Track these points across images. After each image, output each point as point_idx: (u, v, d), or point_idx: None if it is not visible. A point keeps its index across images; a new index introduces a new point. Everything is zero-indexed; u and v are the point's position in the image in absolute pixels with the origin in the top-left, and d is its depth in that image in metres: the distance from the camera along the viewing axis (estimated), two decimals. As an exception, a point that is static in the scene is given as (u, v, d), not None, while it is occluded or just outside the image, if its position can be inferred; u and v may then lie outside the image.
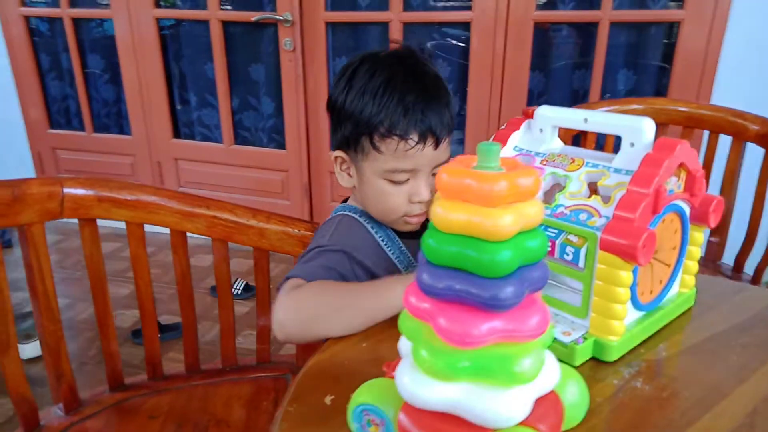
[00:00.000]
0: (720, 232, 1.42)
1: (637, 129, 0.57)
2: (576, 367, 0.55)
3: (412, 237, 0.79)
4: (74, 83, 2.55)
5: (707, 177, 1.40)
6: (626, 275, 0.53)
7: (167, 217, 0.88)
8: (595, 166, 0.59)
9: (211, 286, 2.12)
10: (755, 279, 1.31)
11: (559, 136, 0.67)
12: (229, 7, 2.29)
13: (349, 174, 0.78)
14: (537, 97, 2.15)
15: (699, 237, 0.63)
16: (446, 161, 0.76)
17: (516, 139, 0.67)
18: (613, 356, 0.56)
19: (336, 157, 0.78)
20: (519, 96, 2.09)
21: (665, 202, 0.55)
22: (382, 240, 0.77)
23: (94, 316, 0.90)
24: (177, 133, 2.52)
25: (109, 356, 0.93)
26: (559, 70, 2.11)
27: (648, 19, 1.94)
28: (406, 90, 0.71)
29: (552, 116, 0.64)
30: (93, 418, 0.89)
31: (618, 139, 0.59)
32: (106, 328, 0.92)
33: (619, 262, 0.53)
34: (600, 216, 0.55)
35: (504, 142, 0.66)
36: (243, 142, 2.46)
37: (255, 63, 2.34)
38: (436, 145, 0.73)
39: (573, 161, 0.61)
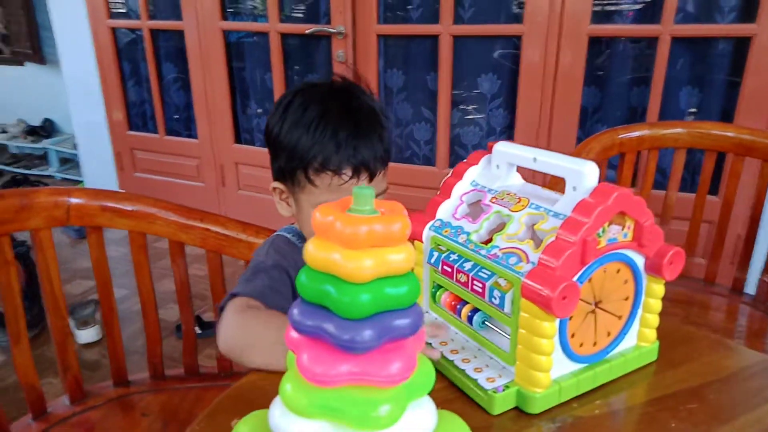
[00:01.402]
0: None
1: (578, 173, 0.54)
2: (495, 416, 0.53)
3: None
4: (150, 89, 2.74)
5: (759, 212, 1.29)
6: (549, 326, 0.51)
7: (164, 227, 0.93)
8: (537, 208, 0.56)
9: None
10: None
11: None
12: (297, 16, 2.37)
13: (287, 203, 0.80)
14: (591, 114, 2.05)
15: (658, 289, 0.58)
16: (383, 192, 0.76)
17: (474, 173, 0.65)
18: (535, 409, 0.53)
19: (274, 188, 0.80)
20: (571, 112, 2.01)
21: (599, 253, 0.52)
22: None
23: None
24: (238, 139, 2.64)
25: (114, 356, 1.00)
26: (616, 86, 2.00)
27: (714, 34, 1.79)
28: (338, 125, 0.71)
29: (506, 152, 0.62)
30: (94, 409, 0.96)
31: (564, 180, 0.56)
32: (112, 328, 0.99)
33: (540, 313, 0.50)
34: (528, 261, 0.53)
35: (460, 176, 0.65)
36: (297, 149, 2.53)
37: (311, 73, 2.41)
38: (371, 178, 0.72)
39: (519, 201, 0.59)
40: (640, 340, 0.60)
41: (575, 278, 0.51)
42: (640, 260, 0.56)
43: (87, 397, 0.98)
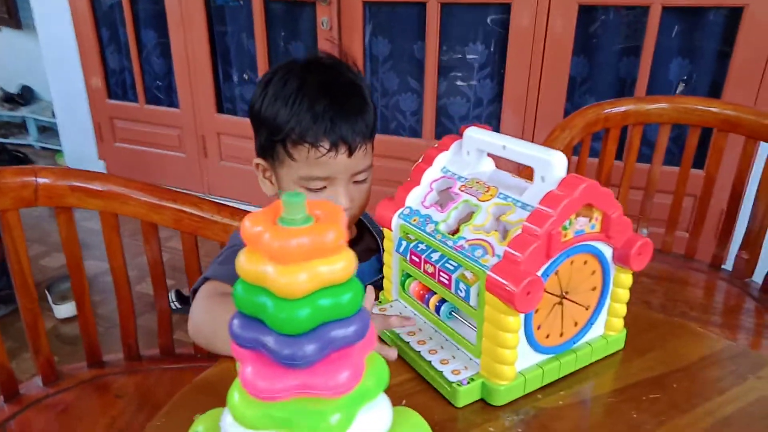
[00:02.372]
0: (751, 247, 1.30)
1: (547, 162, 0.52)
2: (460, 408, 0.53)
3: None
4: (130, 56, 2.66)
5: (741, 188, 1.29)
6: (513, 320, 0.50)
7: (136, 208, 0.91)
8: (505, 198, 0.55)
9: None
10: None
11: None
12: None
13: (271, 181, 0.78)
14: (579, 84, 2.02)
15: (626, 279, 0.58)
16: (366, 169, 0.74)
17: (444, 159, 0.63)
18: (499, 401, 0.53)
19: (257, 164, 0.79)
20: (559, 83, 1.98)
21: (564, 246, 0.51)
22: None
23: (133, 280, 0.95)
24: (220, 108, 2.59)
25: (86, 334, 0.99)
26: (605, 56, 1.97)
27: (706, 3, 1.76)
28: (316, 97, 0.70)
29: (477, 138, 0.60)
30: (68, 391, 0.95)
31: (533, 170, 0.54)
32: (83, 306, 0.98)
33: (504, 307, 0.49)
34: (494, 254, 0.51)
35: (430, 162, 0.63)
36: (281, 119, 2.49)
37: (294, 41, 2.35)
38: (350, 153, 0.71)
39: (488, 190, 0.57)
40: (607, 330, 0.60)
41: (541, 272, 0.50)
42: (608, 251, 0.56)
43: (60, 379, 0.97)
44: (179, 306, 1.92)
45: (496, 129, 2.16)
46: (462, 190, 0.59)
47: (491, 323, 0.51)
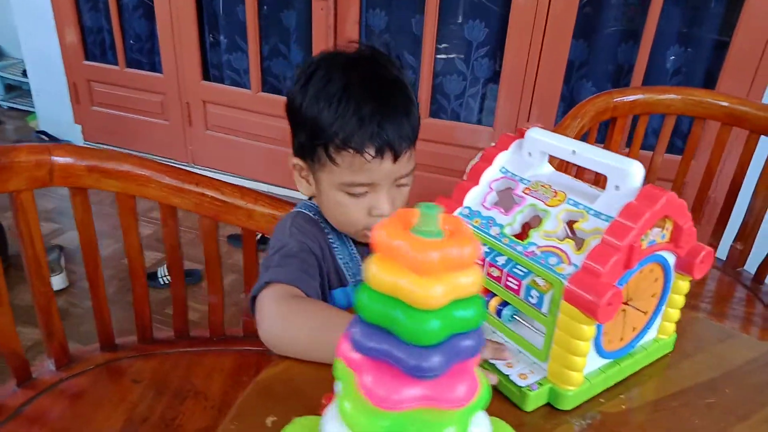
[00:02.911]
0: (746, 238, 1.34)
1: (623, 172, 0.52)
2: (528, 413, 0.54)
3: (367, 245, 0.77)
4: (109, 14, 2.53)
5: (740, 180, 1.33)
6: (588, 329, 0.50)
7: (156, 191, 0.88)
8: (575, 204, 0.55)
9: (229, 235, 2.15)
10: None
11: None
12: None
13: (308, 181, 0.75)
14: (578, 68, 2.03)
15: (684, 286, 0.59)
16: (410, 172, 0.72)
17: (503, 159, 0.63)
18: (567, 406, 0.54)
19: (294, 164, 0.75)
20: (558, 65, 1.98)
21: (641, 256, 0.51)
22: (333, 243, 0.75)
23: (115, 254, 0.91)
24: (207, 75, 2.50)
25: (101, 319, 0.96)
26: (603, 41, 1.97)
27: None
28: (362, 99, 0.66)
29: (541, 141, 0.59)
30: (82, 375, 0.93)
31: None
32: (97, 290, 0.94)
33: (582, 316, 0.50)
34: (570, 263, 0.51)
35: (490, 161, 0.62)
36: (271, 89, 2.43)
37: (287, 9, 2.27)
38: (395, 158, 0.68)
39: (555, 194, 0.57)
40: (659, 333, 0.61)
41: (617, 282, 0.50)
42: (671, 259, 0.56)
43: (73, 362, 0.95)
44: (169, 281, 1.89)
45: (491, 109, 2.16)
46: (526, 193, 0.59)
47: (564, 331, 0.51)
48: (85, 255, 0.91)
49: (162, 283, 1.88)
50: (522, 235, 0.57)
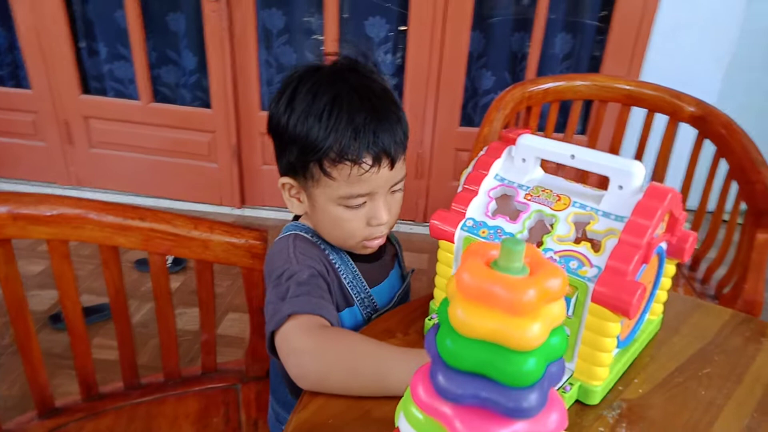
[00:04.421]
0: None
1: (626, 173, 0.54)
2: (560, 414, 0.55)
3: (365, 260, 0.75)
4: (-46, 27, 2.20)
5: (641, 155, 1.46)
6: (615, 326, 0.52)
7: (95, 232, 0.78)
8: (582, 207, 0.57)
9: (136, 260, 1.98)
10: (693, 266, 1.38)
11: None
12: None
13: (299, 200, 0.72)
14: (476, 59, 2.11)
15: (671, 269, 0.63)
16: (403, 177, 0.71)
17: (497, 166, 0.63)
18: (596, 400, 0.56)
19: (283, 184, 0.72)
20: (459, 57, 2.04)
21: (654, 250, 0.54)
22: (335, 263, 0.72)
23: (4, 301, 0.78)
24: (86, 88, 2.27)
25: (35, 383, 0.84)
26: (498, 31, 2.07)
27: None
28: (353, 110, 0.64)
29: (536, 147, 0.60)
30: (23, 452, 0.81)
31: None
32: (30, 353, 0.82)
33: (609, 315, 0.51)
34: (591, 266, 0.53)
35: (486, 169, 0.62)
36: (163, 99, 2.25)
37: (173, 12, 2.11)
38: (392, 165, 0.67)
39: (559, 199, 0.58)
40: (651, 314, 0.66)
41: (636, 277, 0.53)
42: (665, 246, 0.60)
43: (9, 438, 0.82)
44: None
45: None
46: (528, 199, 0.59)
47: (592, 330, 0.53)
48: (12, 315, 0.79)
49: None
50: (540, 243, 0.58)
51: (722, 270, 1.24)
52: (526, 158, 0.62)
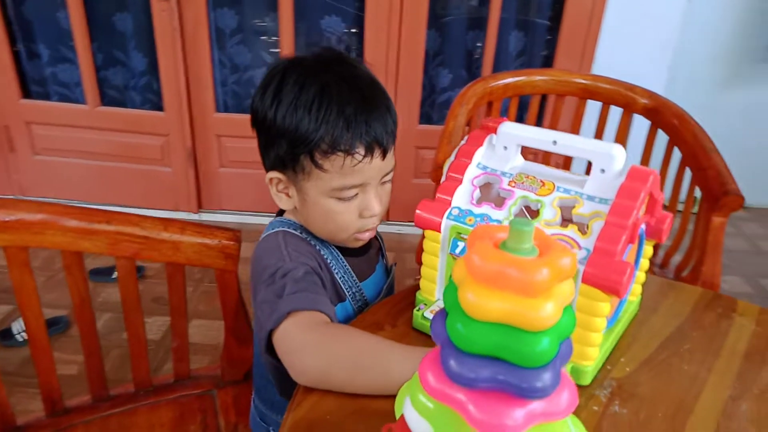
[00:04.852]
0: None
1: (607, 155, 0.56)
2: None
3: (354, 255, 0.74)
4: None
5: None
6: (605, 305, 0.53)
7: (58, 237, 0.74)
8: (566, 191, 0.58)
9: (90, 270, 1.89)
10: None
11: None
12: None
13: (287, 194, 0.70)
14: (433, 57, 2.12)
15: (649, 250, 0.65)
16: (393, 167, 0.71)
17: (479, 155, 0.63)
18: (588, 380, 0.57)
19: (271, 179, 0.70)
20: (416, 55, 2.05)
21: (638, 230, 0.55)
22: (327, 258, 0.71)
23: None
24: (27, 93, 2.15)
25: (-2, 402, 0.78)
26: (452, 30, 2.09)
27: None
28: (343, 100, 0.63)
29: (517, 135, 0.61)
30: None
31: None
32: (-10, 370, 0.77)
33: (600, 295, 0.52)
34: (580, 248, 0.54)
35: (469, 158, 0.63)
36: (111, 102, 2.16)
37: (120, 12, 2.03)
38: (384, 155, 0.67)
39: (543, 185, 0.59)
40: (631, 296, 0.68)
41: (623, 257, 0.54)
42: (644, 227, 0.62)
43: (-32, 462, 0.76)
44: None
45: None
46: (512, 186, 0.60)
47: (583, 311, 0.54)
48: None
49: (21, 339, 1.59)
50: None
51: (678, 256, 1.29)
52: (507, 146, 0.62)
